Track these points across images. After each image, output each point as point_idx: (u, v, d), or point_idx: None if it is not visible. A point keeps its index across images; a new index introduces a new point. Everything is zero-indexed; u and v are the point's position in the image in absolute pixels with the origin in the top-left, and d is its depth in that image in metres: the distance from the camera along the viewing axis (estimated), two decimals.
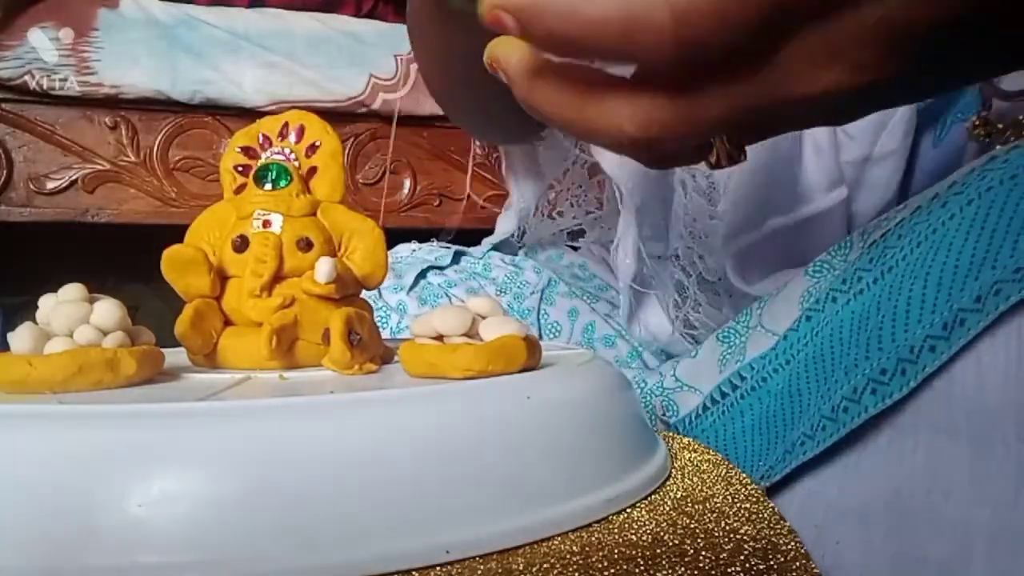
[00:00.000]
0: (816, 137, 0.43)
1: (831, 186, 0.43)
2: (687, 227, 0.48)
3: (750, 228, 0.44)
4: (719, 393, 0.36)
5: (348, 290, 0.30)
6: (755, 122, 0.25)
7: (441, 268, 0.61)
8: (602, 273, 0.65)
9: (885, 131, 0.43)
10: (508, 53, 0.25)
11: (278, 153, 0.32)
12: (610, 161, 0.49)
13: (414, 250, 0.63)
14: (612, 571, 0.19)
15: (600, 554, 0.20)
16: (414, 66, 1.02)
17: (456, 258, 0.63)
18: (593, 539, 0.22)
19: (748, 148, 0.30)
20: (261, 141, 0.33)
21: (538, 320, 0.57)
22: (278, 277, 0.29)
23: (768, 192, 0.43)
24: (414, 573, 0.19)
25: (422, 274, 0.58)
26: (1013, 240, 0.25)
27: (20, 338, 0.24)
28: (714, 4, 0.21)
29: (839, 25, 0.23)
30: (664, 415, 0.39)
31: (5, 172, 0.88)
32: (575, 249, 0.70)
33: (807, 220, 0.44)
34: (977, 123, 0.42)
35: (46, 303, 0.26)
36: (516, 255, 0.65)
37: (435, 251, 0.63)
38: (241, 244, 0.29)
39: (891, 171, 0.44)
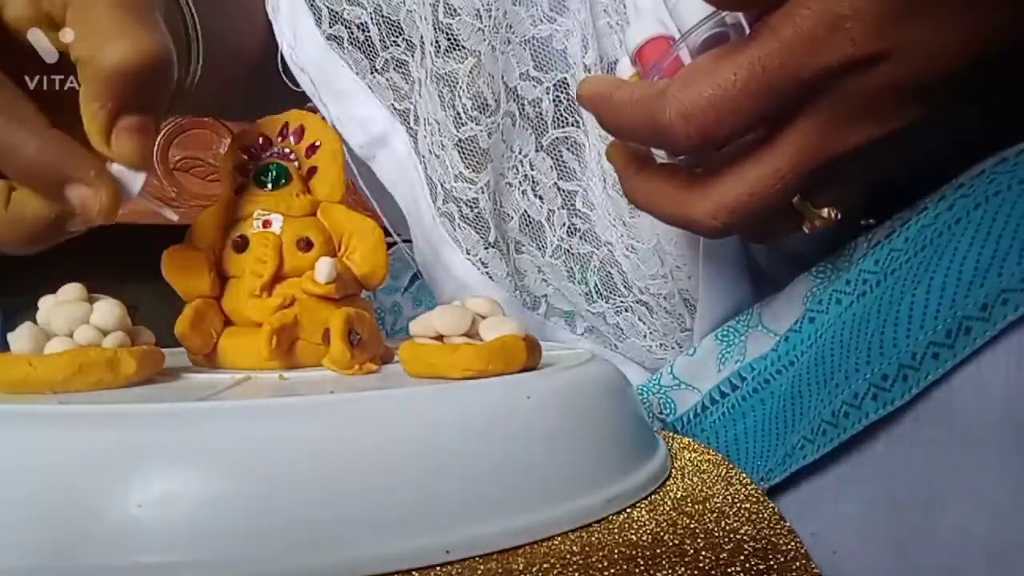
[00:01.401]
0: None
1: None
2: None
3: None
4: (718, 392, 0.36)
5: (348, 290, 0.30)
6: (818, 183, 0.28)
7: None
8: None
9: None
10: (616, 155, 0.32)
11: (278, 153, 0.32)
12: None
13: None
14: (612, 571, 0.19)
15: (600, 554, 0.20)
16: None
17: None
18: (593, 539, 0.22)
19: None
20: (261, 141, 0.33)
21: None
22: (278, 277, 0.29)
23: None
24: (414, 573, 0.19)
25: (417, 274, 0.58)
26: (1020, 247, 0.24)
27: (20, 338, 0.24)
28: (710, 102, 0.24)
29: (852, 89, 0.24)
30: (661, 413, 0.39)
31: None
32: None
33: None
34: None
35: (46, 303, 0.26)
36: None
37: None
38: (241, 244, 0.30)
39: None
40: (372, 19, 0.44)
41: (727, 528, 0.23)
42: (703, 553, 0.21)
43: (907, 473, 0.27)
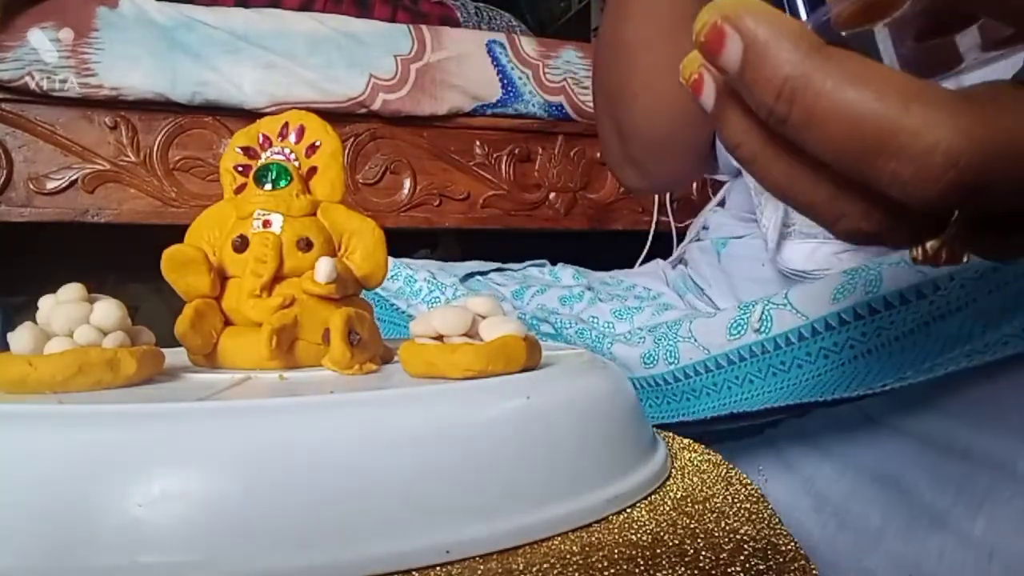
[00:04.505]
0: None
1: None
2: None
3: None
4: (837, 319, 0.36)
5: (348, 290, 0.30)
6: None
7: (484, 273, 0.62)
8: (636, 279, 0.65)
9: None
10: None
11: (278, 153, 0.32)
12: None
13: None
14: (612, 571, 0.19)
15: (600, 554, 0.20)
16: (414, 66, 1.01)
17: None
18: (593, 539, 0.22)
19: None
20: (261, 141, 0.33)
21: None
22: (278, 277, 0.29)
23: None
24: (414, 573, 0.19)
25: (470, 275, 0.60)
26: None
27: (20, 338, 0.24)
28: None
29: None
30: (758, 328, 0.39)
31: (5, 172, 0.88)
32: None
33: None
34: None
35: (46, 303, 0.26)
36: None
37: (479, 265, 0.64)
38: (241, 244, 0.29)
39: None
40: None
41: (727, 528, 0.23)
42: (703, 553, 0.21)
43: None
